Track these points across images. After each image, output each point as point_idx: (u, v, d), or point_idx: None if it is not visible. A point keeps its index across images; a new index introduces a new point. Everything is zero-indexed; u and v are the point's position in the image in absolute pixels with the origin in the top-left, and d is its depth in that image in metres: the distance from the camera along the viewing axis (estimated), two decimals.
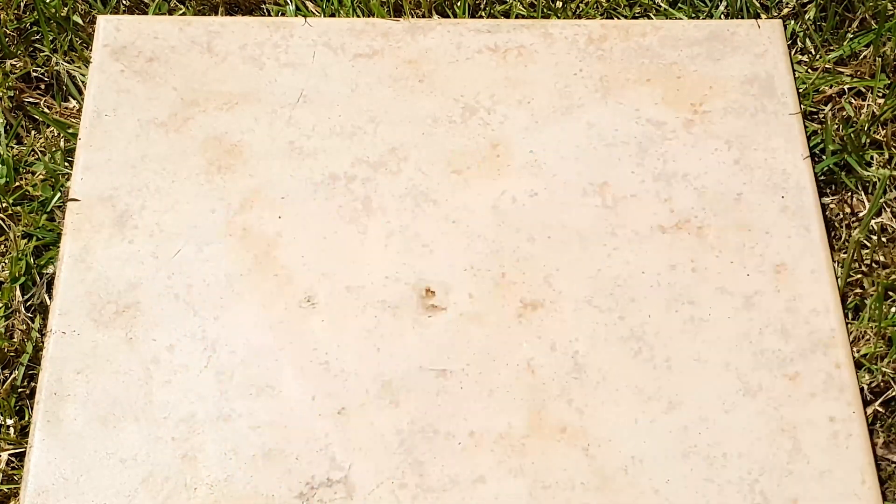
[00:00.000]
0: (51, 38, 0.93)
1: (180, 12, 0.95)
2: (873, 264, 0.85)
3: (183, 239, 0.82)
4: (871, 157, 0.89)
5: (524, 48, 0.90)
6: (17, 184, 0.87)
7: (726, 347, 0.78)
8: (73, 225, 0.82)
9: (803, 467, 0.74)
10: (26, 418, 0.78)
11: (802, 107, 0.89)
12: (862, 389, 0.79)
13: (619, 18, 0.95)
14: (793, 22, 0.95)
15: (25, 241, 0.84)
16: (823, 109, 0.92)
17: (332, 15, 0.94)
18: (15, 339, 0.80)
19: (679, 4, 0.96)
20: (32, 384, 0.79)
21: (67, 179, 0.86)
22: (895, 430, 0.79)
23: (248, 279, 0.80)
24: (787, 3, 0.96)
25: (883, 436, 0.79)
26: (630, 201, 0.84)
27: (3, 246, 0.85)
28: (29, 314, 0.81)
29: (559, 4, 0.96)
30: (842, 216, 0.87)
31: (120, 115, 0.86)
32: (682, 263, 0.81)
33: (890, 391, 0.79)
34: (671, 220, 0.83)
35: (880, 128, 0.90)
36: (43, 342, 0.78)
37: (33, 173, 0.88)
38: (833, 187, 0.88)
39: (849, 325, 0.81)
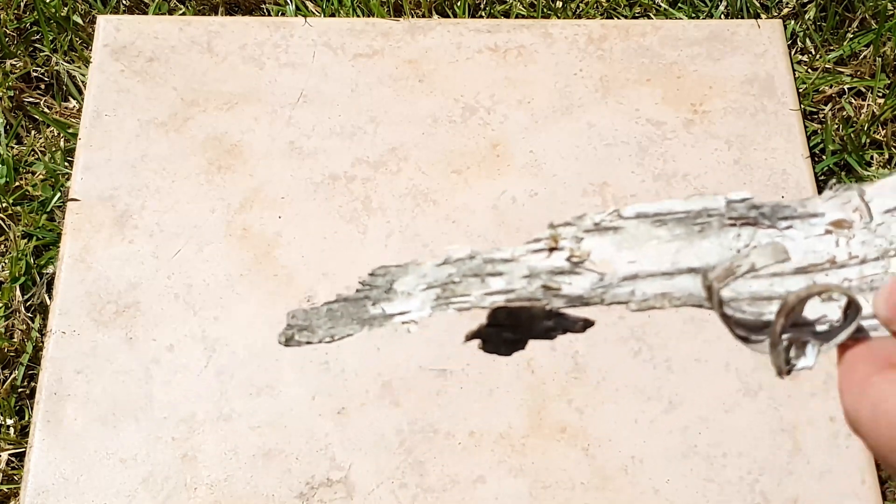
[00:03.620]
0: (51, 38, 0.93)
1: (180, 12, 0.95)
2: None
3: (183, 239, 0.81)
4: (871, 157, 0.89)
5: (524, 48, 0.90)
6: (17, 184, 0.87)
7: (726, 347, 0.78)
8: (73, 225, 0.82)
9: (803, 467, 0.74)
10: (26, 418, 0.78)
11: (802, 107, 0.89)
12: None
13: (619, 18, 0.95)
14: (793, 22, 0.95)
15: (25, 241, 0.84)
16: (823, 109, 0.92)
17: (332, 15, 0.94)
18: (15, 339, 0.80)
19: (679, 4, 0.96)
20: (32, 384, 0.79)
21: (67, 179, 0.86)
22: None
23: (248, 279, 0.80)
24: (787, 3, 0.96)
25: None
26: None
27: (3, 246, 0.85)
28: (29, 314, 0.81)
29: (559, 4, 0.96)
30: None
31: (120, 115, 0.86)
32: None
33: None
34: None
35: (880, 128, 0.90)
36: (43, 342, 0.78)
37: (33, 173, 0.88)
38: None
39: None
